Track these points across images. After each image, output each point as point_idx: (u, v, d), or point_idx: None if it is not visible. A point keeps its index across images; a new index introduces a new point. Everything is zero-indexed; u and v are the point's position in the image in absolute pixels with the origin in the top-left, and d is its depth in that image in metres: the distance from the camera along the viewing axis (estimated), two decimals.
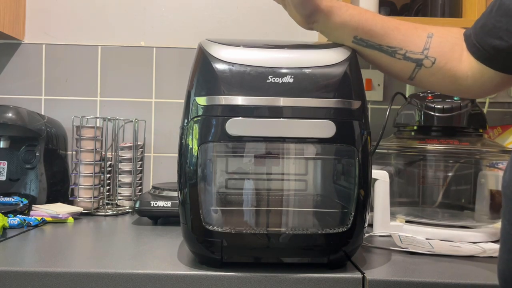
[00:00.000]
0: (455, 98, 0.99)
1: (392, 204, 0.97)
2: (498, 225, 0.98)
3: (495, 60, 0.67)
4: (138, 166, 1.25)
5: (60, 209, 1.05)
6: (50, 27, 1.31)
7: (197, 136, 0.68)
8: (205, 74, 0.70)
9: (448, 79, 0.72)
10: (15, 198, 1.05)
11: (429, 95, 1.01)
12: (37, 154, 1.13)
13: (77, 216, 1.08)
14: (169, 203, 1.01)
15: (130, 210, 1.18)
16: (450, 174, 1.04)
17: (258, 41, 0.75)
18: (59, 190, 1.19)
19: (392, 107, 0.99)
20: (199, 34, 1.31)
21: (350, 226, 0.70)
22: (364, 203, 0.70)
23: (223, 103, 0.68)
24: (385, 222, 0.96)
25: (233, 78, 0.68)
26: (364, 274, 0.68)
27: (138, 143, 1.26)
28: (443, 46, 0.72)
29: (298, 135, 0.68)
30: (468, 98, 0.99)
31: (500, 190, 0.62)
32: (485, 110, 1.27)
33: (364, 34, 0.73)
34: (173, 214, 1.00)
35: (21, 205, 1.02)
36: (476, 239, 0.92)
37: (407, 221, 0.98)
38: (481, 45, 0.68)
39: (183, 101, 0.72)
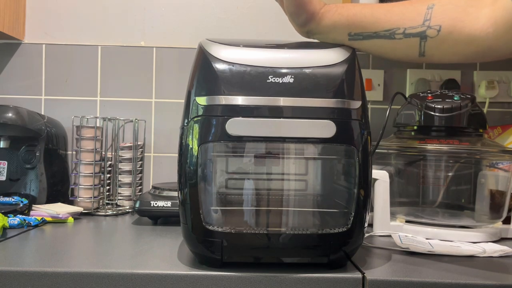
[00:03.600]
0: (455, 98, 0.99)
1: (392, 204, 0.97)
2: (498, 225, 0.98)
3: None
4: (138, 166, 1.25)
5: (60, 209, 1.05)
6: (50, 27, 1.31)
7: (197, 136, 0.68)
8: (205, 74, 0.70)
9: (462, 42, 0.70)
10: (15, 198, 1.05)
11: (429, 95, 1.01)
12: (37, 154, 1.13)
13: (77, 216, 1.08)
14: (169, 203, 1.01)
15: (130, 210, 1.18)
16: (450, 174, 1.04)
17: (258, 41, 0.75)
18: (59, 190, 1.19)
19: (392, 107, 0.99)
20: (199, 34, 1.31)
21: (350, 226, 0.70)
22: (364, 203, 0.70)
23: (223, 103, 0.68)
24: (385, 222, 0.96)
25: (233, 78, 0.68)
26: (364, 274, 0.68)
27: (138, 143, 1.26)
28: (448, 11, 0.70)
29: (298, 135, 0.68)
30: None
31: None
32: (485, 110, 1.27)
33: (357, 28, 0.72)
34: (173, 214, 1.00)
35: (21, 205, 1.02)
36: (476, 239, 0.92)
37: (407, 221, 0.98)
38: None
39: (183, 101, 0.72)
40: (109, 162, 1.24)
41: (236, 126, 0.67)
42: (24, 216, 0.97)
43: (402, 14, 0.72)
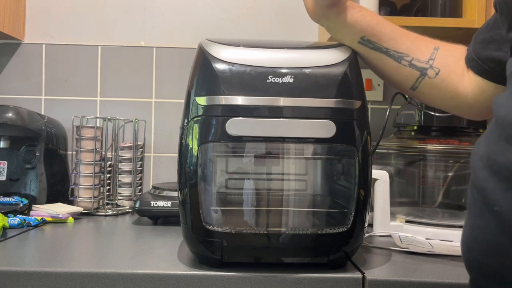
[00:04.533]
0: None
1: (392, 204, 0.97)
2: None
3: (495, 73, 0.67)
4: (138, 166, 1.25)
5: (60, 209, 1.05)
6: (50, 27, 1.31)
7: (197, 136, 0.68)
8: (205, 74, 0.70)
9: (449, 94, 0.72)
10: (15, 198, 1.05)
11: None
12: (37, 154, 1.13)
13: (77, 216, 1.08)
14: (169, 203, 1.01)
15: (130, 210, 1.18)
16: (450, 174, 1.04)
17: (258, 41, 0.75)
18: (59, 190, 1.19)
19: (392, 107, 0.99)
20: (199, 34, 1.31)
21: (350, 226, 0.70)
22: (364, 203, 0.70)
23: (223, 103, 0.68)
24: (385, 222, 0.96)
25: (233, 78, 0.68)
26: (364, 274, 0.68)
27: (138, 143, 1.26)
28: (448, 59, 0.72)
29: (298, 135, 0.68)
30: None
31: None
32: None
33: (372, 36, 0.72)
34: (173, 214, 1.00)
35: (21, 205, 1.02)
36: None
37: (407, 221, 0.98)
38: (479, 58, 0.68)
39: (183, 101, 0.72)
40: (109, 162, 1.24)
41: (236, 126, 0.67)
42: (24, 216, 0.97)
43: (414, 44, 0.73)
